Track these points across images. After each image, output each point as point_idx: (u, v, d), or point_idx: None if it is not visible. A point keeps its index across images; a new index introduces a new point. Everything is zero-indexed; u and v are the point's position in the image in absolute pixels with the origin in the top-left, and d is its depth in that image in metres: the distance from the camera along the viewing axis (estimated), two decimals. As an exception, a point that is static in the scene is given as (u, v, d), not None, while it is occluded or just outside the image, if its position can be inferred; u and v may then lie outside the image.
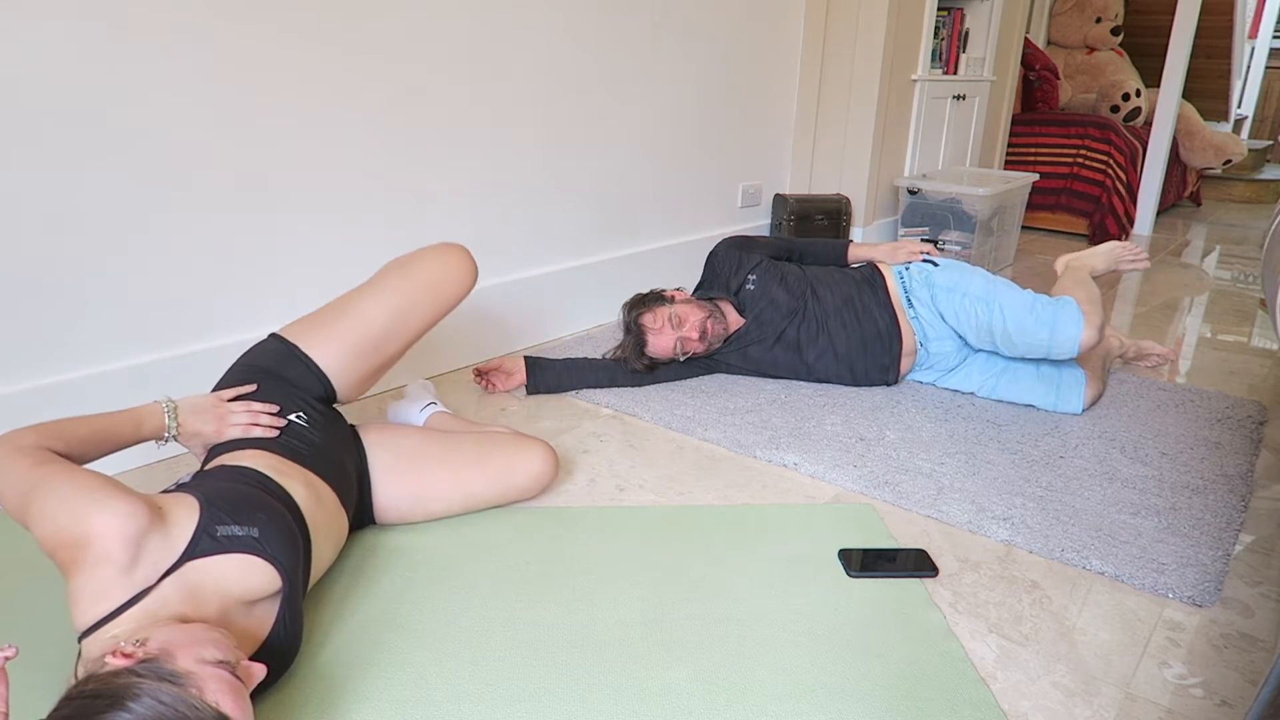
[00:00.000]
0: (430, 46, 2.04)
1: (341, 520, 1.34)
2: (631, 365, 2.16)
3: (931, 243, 3.01)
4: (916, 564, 1.45)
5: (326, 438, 1.38)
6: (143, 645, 0.91)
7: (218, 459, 1.28)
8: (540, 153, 2.39)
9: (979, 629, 1.31)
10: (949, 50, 3.65)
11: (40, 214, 1.53)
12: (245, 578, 1.07)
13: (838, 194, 3.30)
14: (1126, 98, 4.78)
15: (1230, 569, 1.48)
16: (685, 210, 2.94)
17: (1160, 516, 1.63)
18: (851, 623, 1.30)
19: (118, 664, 0.88)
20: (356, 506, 1.46)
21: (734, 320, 2.23)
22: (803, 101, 3.29)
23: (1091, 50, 5.15)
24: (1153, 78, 5.06)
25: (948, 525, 1.60)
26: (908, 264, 2.24)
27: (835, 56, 3.24)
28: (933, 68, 3.57)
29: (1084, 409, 2.09)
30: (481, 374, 2.16)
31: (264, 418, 1.33)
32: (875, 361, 2.19)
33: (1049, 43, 5.28)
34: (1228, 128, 5.67)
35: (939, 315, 2.15)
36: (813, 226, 3.21)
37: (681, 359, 2.18)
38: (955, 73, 3.71)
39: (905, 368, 2.22)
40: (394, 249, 2.09)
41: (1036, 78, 4.69)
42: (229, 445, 1.30)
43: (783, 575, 1.42)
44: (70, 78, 1.51)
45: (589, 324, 2.69)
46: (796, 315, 2.19)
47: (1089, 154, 4.25)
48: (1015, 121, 4.46)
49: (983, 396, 2.18)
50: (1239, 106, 6.49)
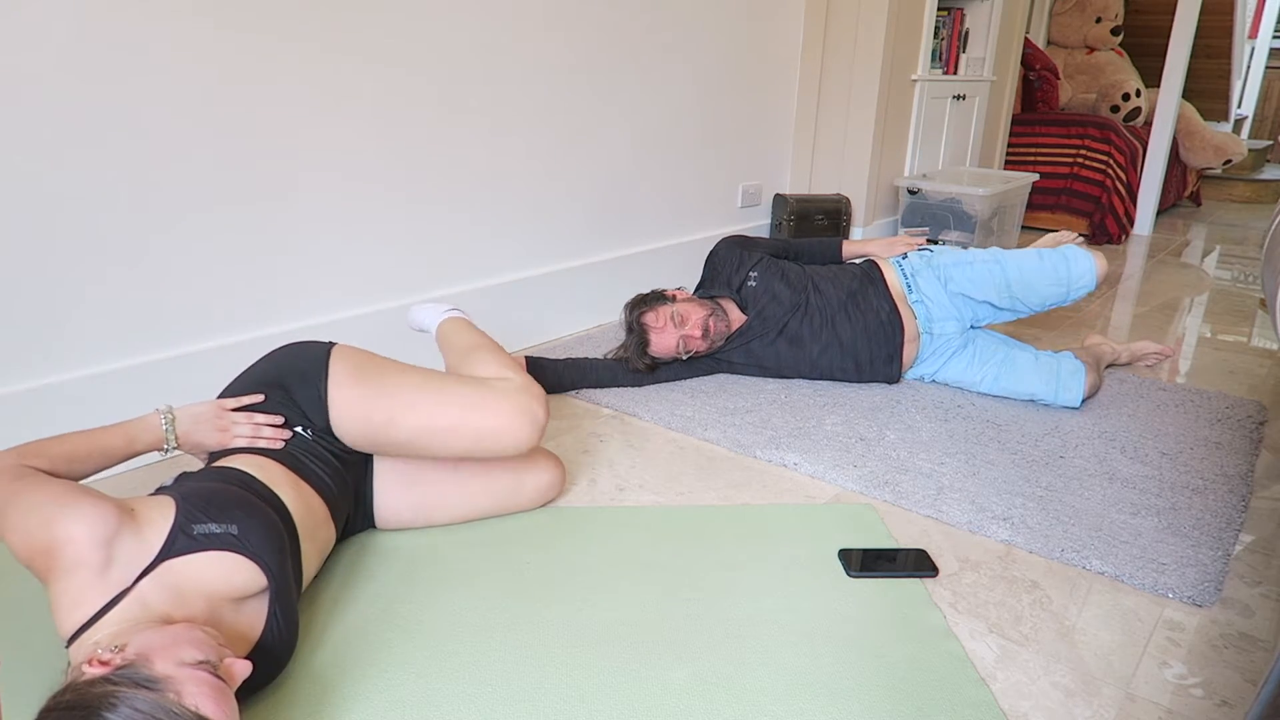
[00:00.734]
0: (430, 48, 2.04)
1: (329, 531, 1.33)
2: (634, 365, 2.16)
3: (932, 242, 3.01)
4: (916, 564, 1.45)
5: (327, 451, 1.37)
6: (120, 651, 0.90)
7: (213, 463, 1.28)
8: (540, 153, 2.39)
9: (979, 629, 1.31)
10: (949, 50, 3.65)
11: (40, 214, 1.53)
12: (228, 575, 1.06)
13: (838, 194, 3.30)
14: (1126, 98, 4.78)
15: (1230, 569, 1.48)
16: (685, 210, 2.94)
17: (1160, 516, 1.63)
18: (851, 623, 1.30)
19: (94, 672, 0.87)
20: (357, 513, 1.46)
21: (736, 318, 2.23)
22: (803, 101, 3.29)
23: (1091, 50, 5.14)
24: (1153, 78, 5.07)
25: (948, 525, 1.60)
26: (905, 254, 2.28)
27: (835, 56, 3.24)
28: (933, 68, 3.57)
29: (1083, 400, 2.10)
30: (482, 374, 2.15)
31: (267, 430, 1.31)
32: (880, 351, 2.20)
33: (1049, 43, 5.28)
34: (1228, 128, 5.67)
35: (945, 293, 2.18)
36: (813, 226, 3.21)
37: (684, 357, 2.18)
38: (955, 73, 3.71)
39: (909, 355, 2.24)
40: (394, 249, 2.09)
41: (1036, 78, 4.69)
42: (227, 450, 1.30)
43: (783, 575, 1.42)
44: (70, 78, 1.51)
45: (589, 324, 2.69)
46: (799, 310, 2.19)
47: (1089, 154, 4.25)
48: (1015, 121, 4.46)
49: (983, 391, 2.18)
50: (1239, 106, 6.49)
